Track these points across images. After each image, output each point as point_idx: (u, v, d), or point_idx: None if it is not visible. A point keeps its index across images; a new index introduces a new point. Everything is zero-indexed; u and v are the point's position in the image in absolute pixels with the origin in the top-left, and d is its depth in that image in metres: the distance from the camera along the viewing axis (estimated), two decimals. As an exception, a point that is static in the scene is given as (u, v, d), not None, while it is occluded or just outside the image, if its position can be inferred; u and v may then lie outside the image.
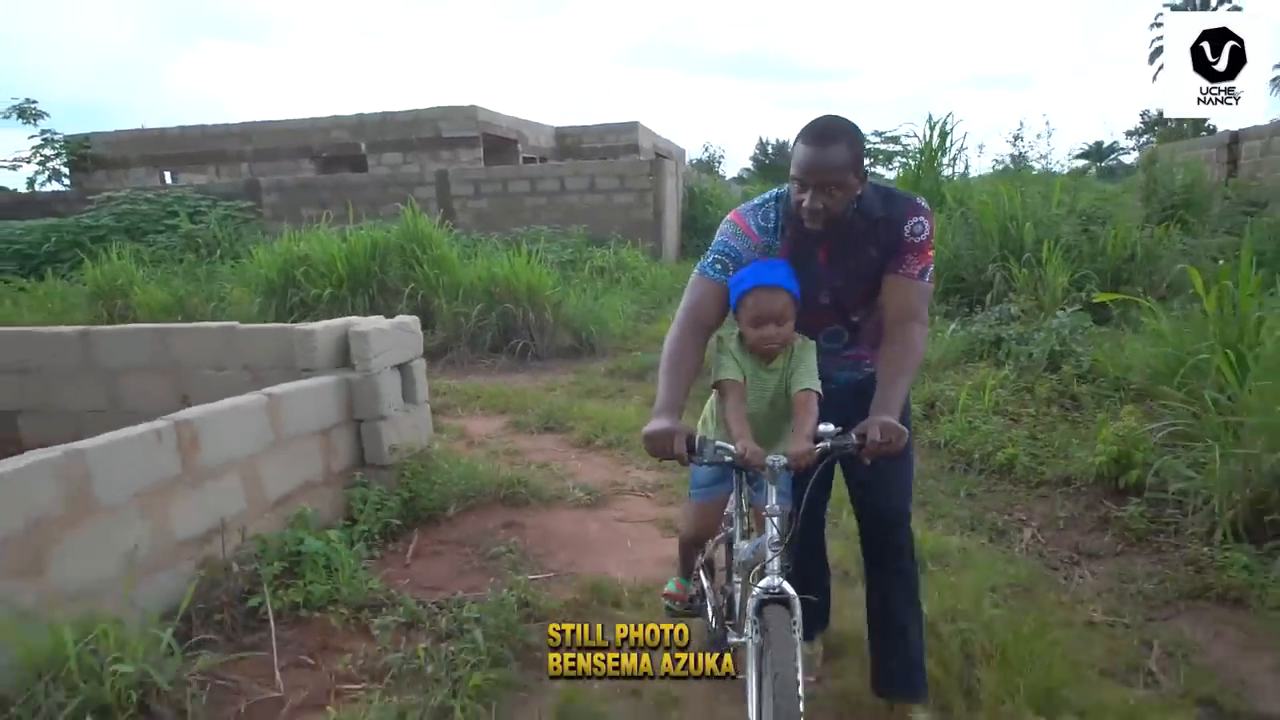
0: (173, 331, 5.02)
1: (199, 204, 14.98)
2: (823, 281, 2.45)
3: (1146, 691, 2.78)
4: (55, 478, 2.90)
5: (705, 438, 2.16)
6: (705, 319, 2.42)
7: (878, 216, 2.39)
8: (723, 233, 2.50)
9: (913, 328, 2.37)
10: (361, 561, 3.58)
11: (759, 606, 2.03)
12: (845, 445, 2.13)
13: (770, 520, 2.10)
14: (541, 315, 8.98)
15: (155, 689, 2.44)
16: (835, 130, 2.28)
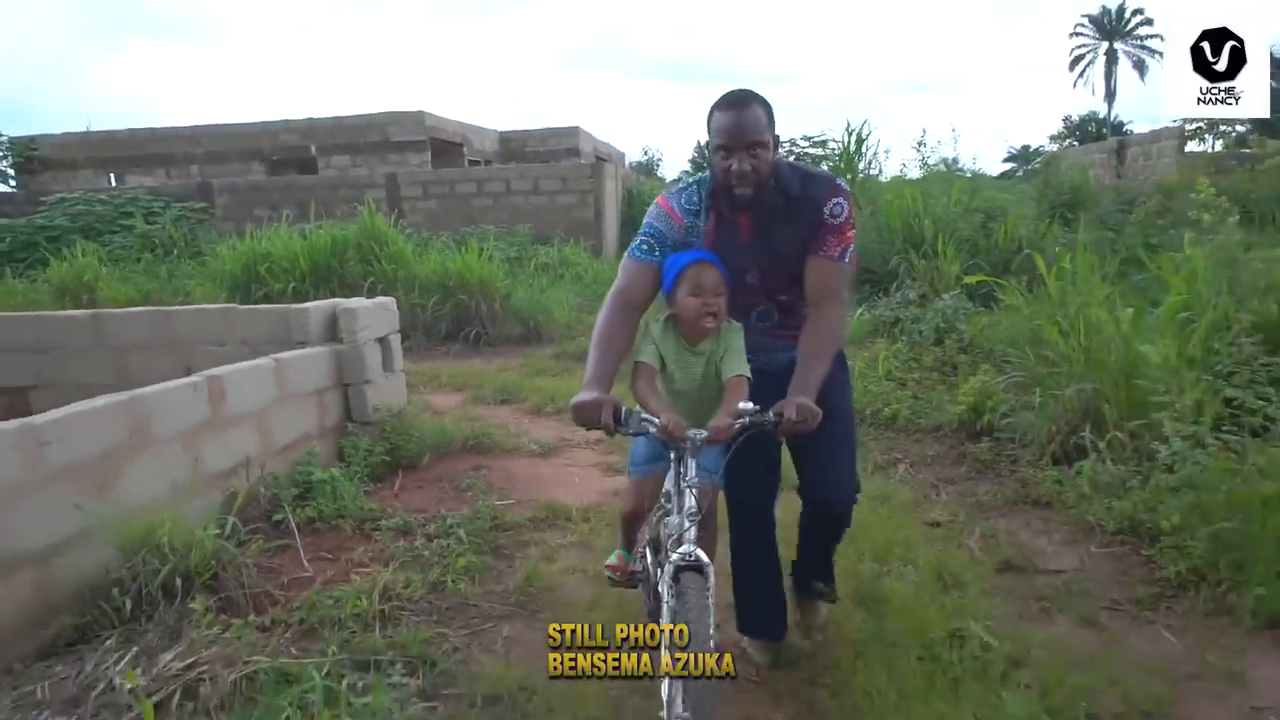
0: (176, 312, 5.75)
1: (152, 205, 15.45)
2: (749, 260, 2.54)
3: (961, 556, 3.74)
4: (124, 415, 3.67)
5: (632, 410, 2.26)
6: (634, 298, 2.54)
7: (796, 194, 2.48)
8: (649, 216, 2.62)
9: (831, 308, 2.48)
10: (359, 491, 4.40)
11: (675, 573, 2.12)
12: (763, 423, 2.22)
13: (689, 492, 2.20)
14: (492, 306, 9.80)
15: (223, 564, 3.25)
16: (748, 95, 2.40)
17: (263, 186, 16.28)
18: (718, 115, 2.39)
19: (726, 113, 2.37)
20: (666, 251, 2.54)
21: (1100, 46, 73.46)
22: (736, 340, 2.53)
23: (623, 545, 2.86)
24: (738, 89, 2.41)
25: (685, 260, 2.47)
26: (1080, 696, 2.64)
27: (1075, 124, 70.69)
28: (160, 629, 2.96)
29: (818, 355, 2.38)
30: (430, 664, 2.88)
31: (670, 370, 2.58)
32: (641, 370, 2.52)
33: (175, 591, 3.08)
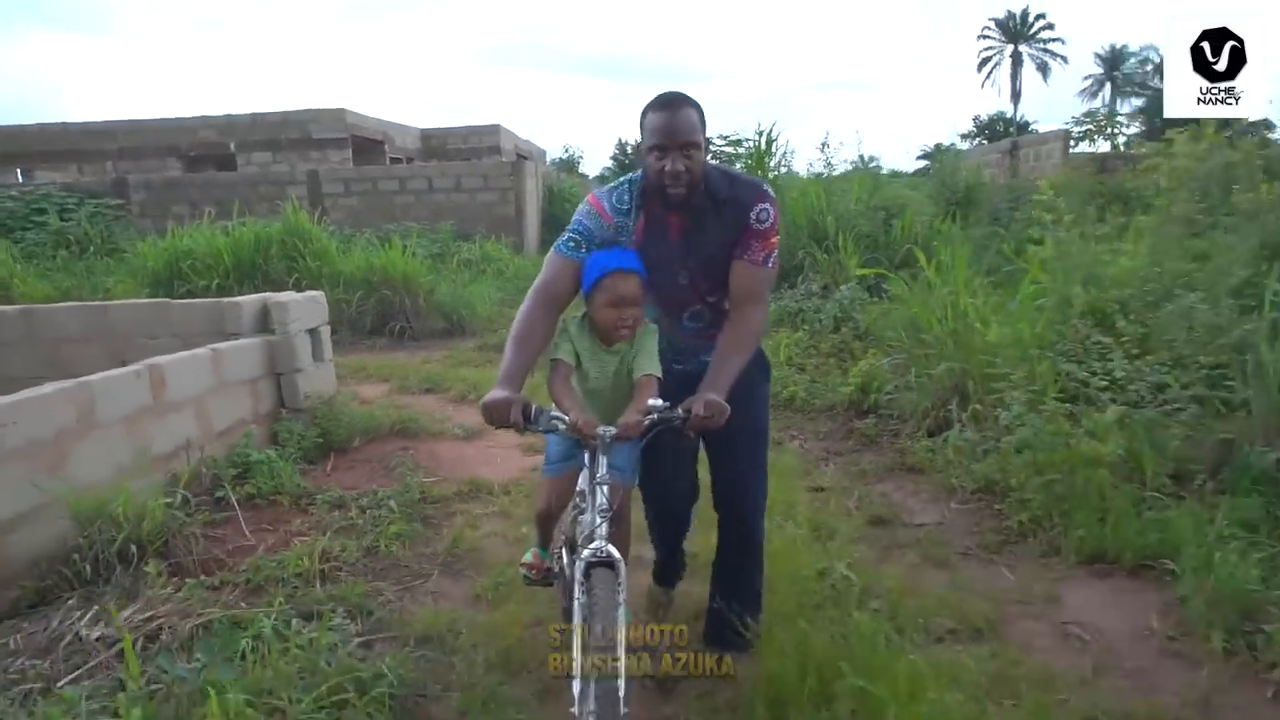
0: (110, 307, 5.96)
1: (66, 202, 15.24)
2: (678, 261, 2.56)
3: (838, 513, 4.26)
4: (70, 401, 3.95)
5: (541, 407, 2.26)
6: (557, 294, 2.54)
7: (724, 197, 2.50)
8: (579, 213, 2.60)
9: (751, 311, 2.52)
10: (294, 470, 4.72)
11: (586, 569, 2.14)
12: (671, 419, 2.26)
13: (599, 489, 2.24)
14: (416, 301, 10.09)
15: (173, 532, 3.57)
16: (682, 97, 2.44)
17: (181, 183, 16.19)
18: (652, 115, 2.41)
19: (661, 113, 2.39)
20: (593, 250, 2.55)
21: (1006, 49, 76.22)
22: (650, 341, 2.58)
23: (539, 543, 2.89)
24: (671, 91, 2.45)
25: (606, 267, 2.48)
26: (922, 616, 3.16)
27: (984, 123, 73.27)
28: (118, 590, 3.27)
29: (733, 355, 2.42)
30: (367, 613, 3.26)
31: (585, 368, 2.62)
32: (558, 368, 2.56)
33: (130, 557, 3.40)
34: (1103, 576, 3.53)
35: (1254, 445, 3.74)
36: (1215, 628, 2.93)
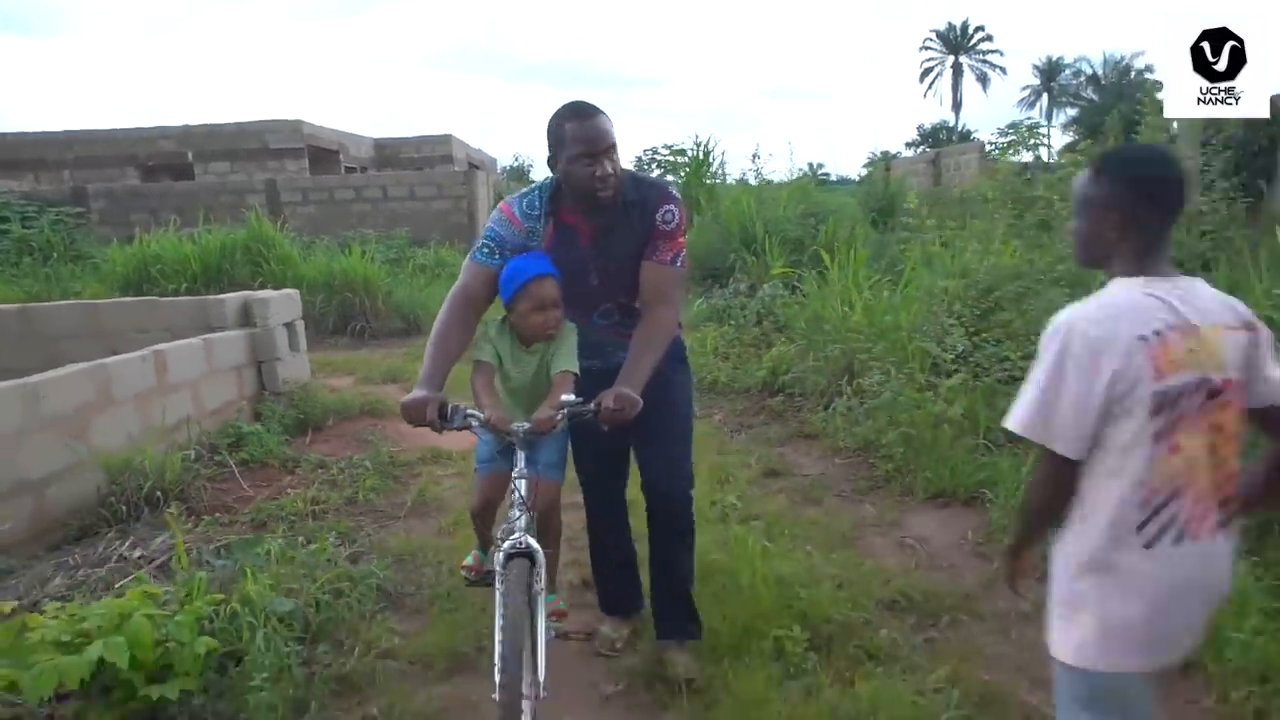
0: (101, 305, 6.65)
1: (25, 209, 15.65)
2: (590, 263, 2.65)
3: (739, 468, 5.13)
4: (91, 380, 4.68)
5: (458, 405, 2.37)
6: (473, 299, 2.64)
7: (631, 199, 2.59)
8: (492, 220, 2.70)
9: (662, 310, 2.60)
10: (280, 441, 5.48)
11: (505, 560, 2.24)
12: (583, 412, 2.36)
13: (517, 482, 2.36)
14: (375, 302, 10.82)
15: (188, 482, 4.33)
16: (593, 105, 2.53)
17: (141, 192, 16.68)
18: (572, 125, 2.48)
19: (583, 121, 2.47)
20: (506, 255, 2.63)
21: (947, 60, 78.51)
22: (569, 339, 2.68)
23: (479, 545, 3.03)
24: (581, 101, 2.55)
25: (527, 274, 2.58)
26: (794, 532, 4.04)
27: (928, 132, 75.50)
28: (147, 526, 4.04)
29: (645, 351, 2.50)
30: (352, 540, 4.06)
31: (507, 368, 2.72)
32: (479, 368, 2.67)
33: (155, 501, 4.16)
34: (941, 507, 4.45)
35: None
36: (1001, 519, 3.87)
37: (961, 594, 3.50)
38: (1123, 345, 1.62)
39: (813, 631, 3.04)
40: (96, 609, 2.62)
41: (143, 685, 2.49)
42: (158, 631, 2.56)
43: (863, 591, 3.46)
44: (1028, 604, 3.30)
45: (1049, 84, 75.32)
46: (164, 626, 2.59)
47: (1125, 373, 1.62)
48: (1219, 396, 1.67)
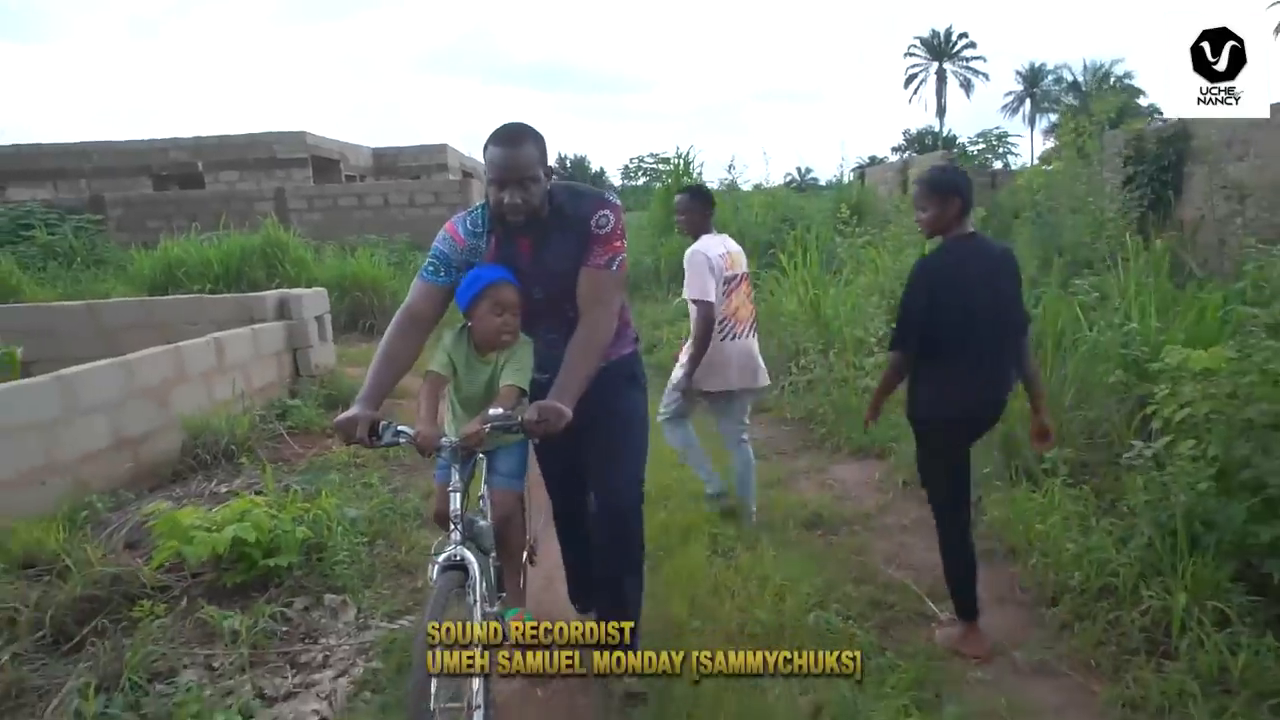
0: (157, 301, 7.70)
1: (47, 217, 16.64)
2: (532, 279, 2.66)
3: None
4: (170, 359, 5.73)
5: (389, 423, 2.36)
6: (419, 316, 2.65)
7: (568, 213, 2.61)
8: (436, 239, 2.71)
9: (597, 314, 2.57)
10: (318, 413, 6.53)
11: (439, 572, 2.26)
12: (509, 425, 2.34)
13: (451, 495, 2.37)
14: (383, 301, 11.84)
15: (255, 439, 5.39)
16: (522, 131, 2.53)
17: (155, 200, 17.69)
18: (492, 150, 2.49)
19: (500, 149, 2.48)
20: (451, 273, 2.66)
21: (931, 66, 79.82)
22: (523, 353, 2.69)
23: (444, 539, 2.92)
24: (512, 123, 2.56)
25: (487, 279, 2.62)
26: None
27: (914, 137, 76.91)
28: (225, 472, 5.09)
29: (580, 360, 2.47)
30: (388, 481, 5.11)
31: (460, 378, 2.74)
32: (429, 379, 2.70)
33: (230, 454, 5.22)
34: (859, 459, 5.54)
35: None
36: (901, 473, 4.95)
37: (862, 514, 4.58)
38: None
39: (741, 533, 4.12)
40: (221, 509, 3.68)
41: (260, 558, 3.55)
42: (269, 523, 3.61)
43: (787, 513, 4.54)
44: (907, 520, 4.41)
45: (1032, 90, 76.57)
46: (273, 519, 3.64)
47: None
48: None
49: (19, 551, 3.63)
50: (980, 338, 3.10)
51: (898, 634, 3.27)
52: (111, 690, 2.79)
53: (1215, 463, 3.33)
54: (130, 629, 3.17)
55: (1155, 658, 2.93)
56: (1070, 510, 3.79)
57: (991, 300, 3.13)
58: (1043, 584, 3.55)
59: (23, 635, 3.10)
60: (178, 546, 3.43)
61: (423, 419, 2.52)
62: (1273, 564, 3.08)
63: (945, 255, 3.17)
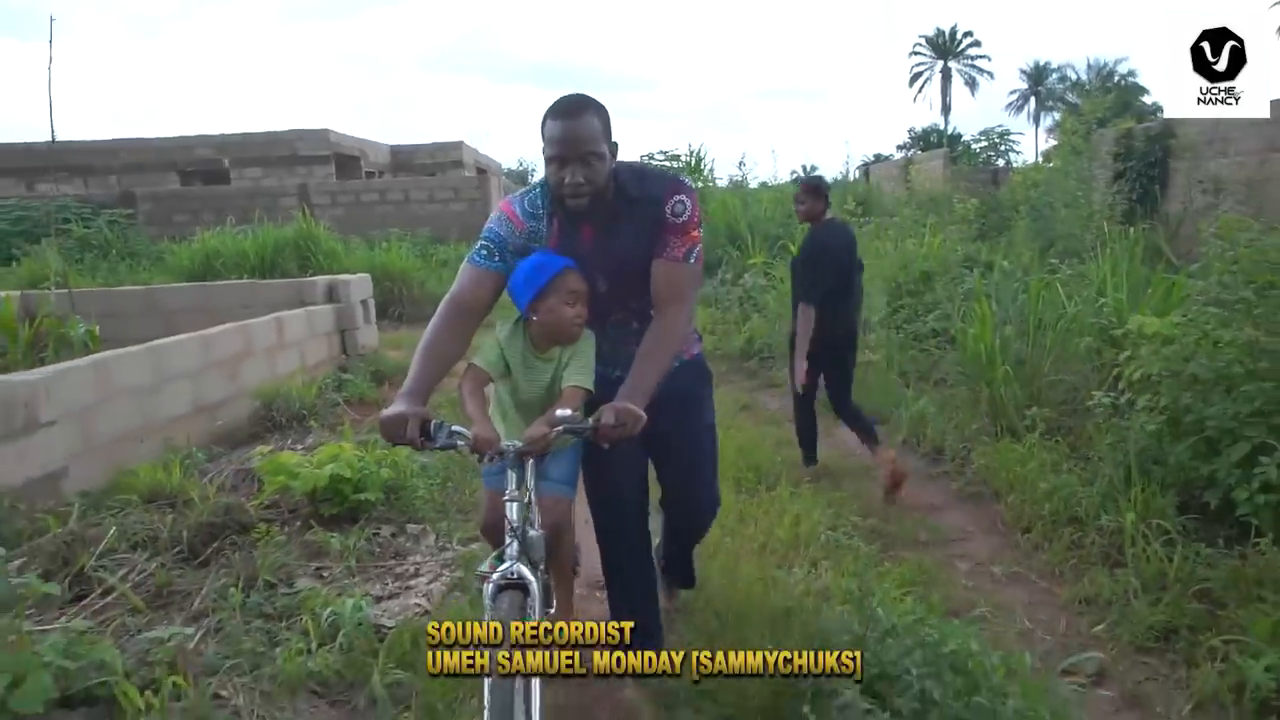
0: (211, 286, 8.32)
1: (81, 211, 17.29)
2: (596, 268, 2.45)
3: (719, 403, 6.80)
4: (240, 334, 6.34)
5: (442, 423, 2.15)
6: (469, 304, 2.45)
7: (635, 196, 2.40)
8: (490, 220, 2.51)
9: (673, 311, 2.38)
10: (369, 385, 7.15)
11: (495, 592, 2.06)
12: (581, 429, 2.15)
13: (509, 505, 2.15)
14: (411, 291, 12.49)
15: (320, 405, 6.00)
16: (583, 103, 2.33)
17: (183, 195, 18.33)
18: (551, 124, 2.32)
19: (560, 121, 2.30)
20: (506, 258, 2.45)
21: (936, 65, 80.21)
22: (586, 350, 2.48)
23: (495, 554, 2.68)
24: (572, 95, 2.36)
25: (553, 267, 2.39)
26: (754, 435, 5.70)
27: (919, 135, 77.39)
28: (297, 434, 5.70)
29: (653, 360, 2.30)
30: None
31: (516, 378, 2.53)
32: (469, 373, 2.50)
33: (302, 417, 5.83)
34: (865, 424, 6.13)
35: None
36: (899, 434, 5.55)
37: (865, 467, 5.17)
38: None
39: (759, 474, 4.72)
40: (315, 453, 4.29)
41: (351, 493, 4.16)
42: (357, 464, 4.22)
43: (797, 465, 5.13)
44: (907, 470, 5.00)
45: (1036, 88, 76.90)
46: (360, 461, 4.25)
47: None
48: None
49: (144, 489, 4.24)
50: (840, 289, 4.71)
51: (895, 553, 3.87)
52: (248, 589, 3.39)
53: (1166, 411, 3.93)
54: (249, 549, 3.77)
55: (1108, 567, 3.53)
56: (1045, 458, 4.39)
57: (847, 264, 4.81)
58: (1020, 516, 4.15)
59: (163, 550, 3.70)
60: (285, 481, 4.05)
61: (476, 419, 2.35)
62: (1211, 493, 3.68)
63: (821, 235, 4.78)
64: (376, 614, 3.27)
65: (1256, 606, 2.92)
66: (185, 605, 3.39)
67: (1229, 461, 3.58)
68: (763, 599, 3.00)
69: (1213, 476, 3.66)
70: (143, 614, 3.26)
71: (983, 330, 5.33)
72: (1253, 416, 3.58)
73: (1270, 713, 2.54)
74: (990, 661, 2.27)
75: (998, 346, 5.24)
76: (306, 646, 2.97)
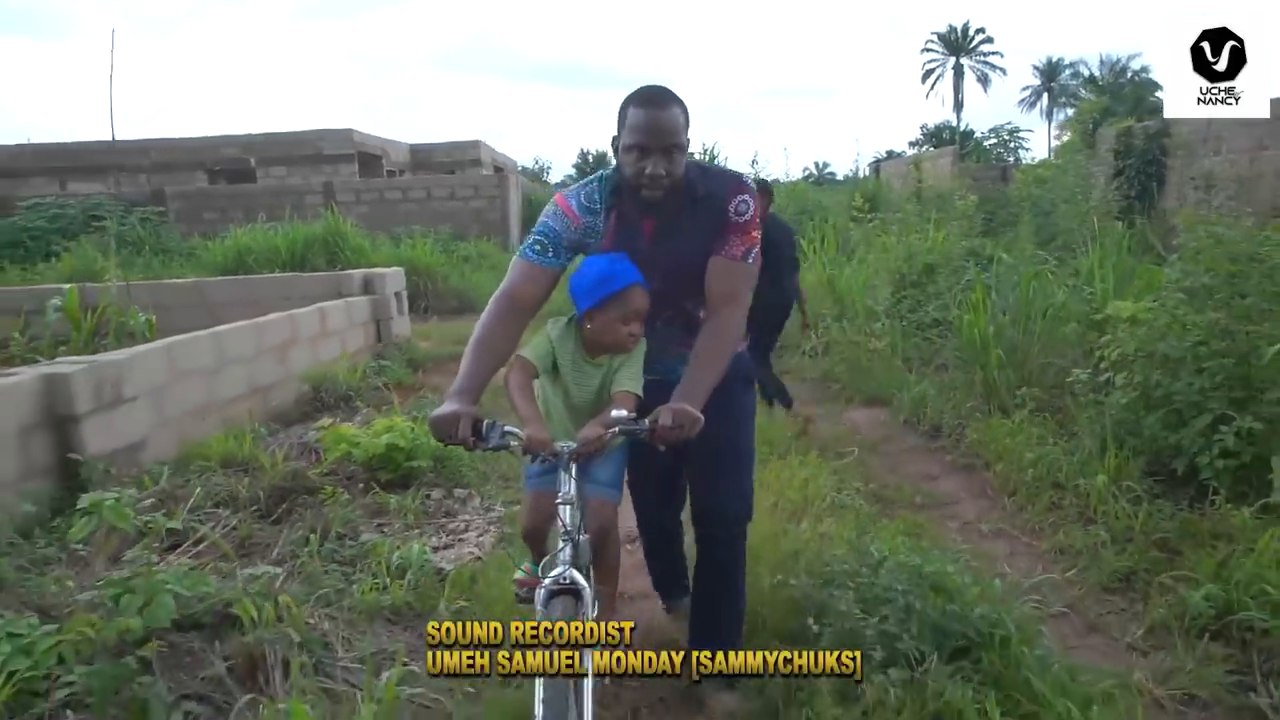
0: (253, 279, 8.83)
1: (115, 210, 17.85)
2: (652, 266, 2.40)
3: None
4: (287, 323, 6.83)
5: (494, 422, 2.11)
6: (522, 300, 2.40)
7: (699, 194, 2.37)
8: (545, 214, 2.46)
9: (729, 312, 2.34)
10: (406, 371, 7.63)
11: (547, 598, 2.02)
12: (636, 431, 2.11)
13: (562, 509, 2.11)
14: (435, 284, 12.98)
15: (364, 386, 6.49)
16: (668, 93, 2.30)
17: (211, 193, 18.89)
18: (634, 112, 2.28)
19: (644, 110, 2.27)
20: (561, 253, 2.43)
21: (948, 61, 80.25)
22: (637, 355, 2.45)
23: (533, 559, 2.70)
24: (656, 85, 2.33)
25: (624, 280, 2.35)
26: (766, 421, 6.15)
27: (931, 131, 77.52)
28: (344, 413, 6.18)
29: (709, 362, 2.25)
30: (478, 423, 6.18)
31: (565, 380, 2.50)
32: (517, 364, 2.44)
33: (347, 399, 6.31)
34: (870, 407, 6.58)
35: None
36: (901, 414, 5.99)
37: (869, 443, 5.61)
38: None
39: (772, 446, 5.17)
40: (370, 425, 4.77)
41: (403, 460, 4.63)
42: (409, 435, 4.69)
43: (807, 443, 5.58)
44: (904, 448, 5.45)
45: (1049, 84, 76.78)
46: (411, 432, 4.72)
47: None
48: None
49: (218, 457, 4.73)
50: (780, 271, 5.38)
51: (893, 512, 4.31)
52: (322, 540, 3.86)
53: (1139, 387, 4.36)
54: (318, 507, 4.25)
55: (1082, 523, 3.96)
56: (1032, 432, 4.83)
57: (789, 253, 5.77)
58: (1006, 483, 4.59)
59: (242, 508, 4.18)
60: (347, 448, 4.52)
61: (528, 418, 2.30)
62: (1178, 460, 4.11)
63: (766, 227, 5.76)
64: (436, 560, 3.74)
65: (1206, 551, 3.36)
66: (266, 554, 3.85)
67: (1194, 431, 4.01)
68: (773, 543, 3.42)
69: (1179, 445, 4.09)
70: (231, 560, 3.73)
71: (977, 318, 5.77)
72: (1215, 390, 4.03)
73: (1206, 633, 2.97)
74: (964, 581, 2.72)
75: (991, 333, 5.68)
76: (379, 584, 3.44)
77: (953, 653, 2.58)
